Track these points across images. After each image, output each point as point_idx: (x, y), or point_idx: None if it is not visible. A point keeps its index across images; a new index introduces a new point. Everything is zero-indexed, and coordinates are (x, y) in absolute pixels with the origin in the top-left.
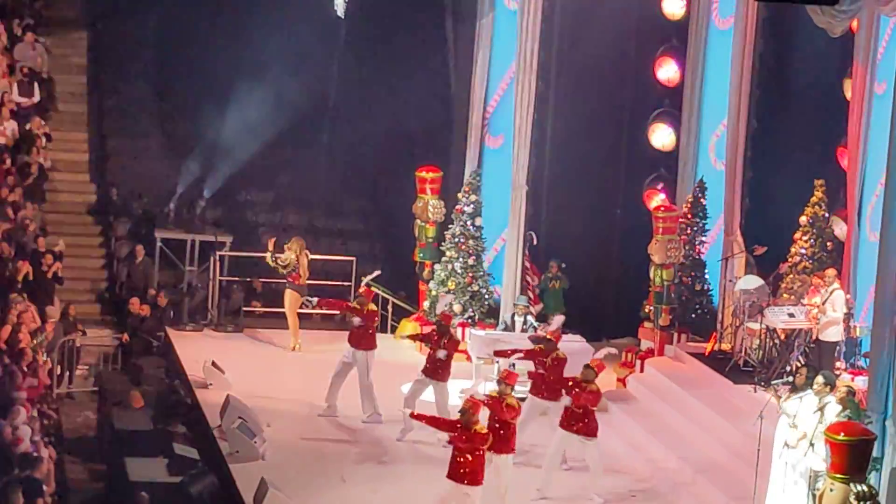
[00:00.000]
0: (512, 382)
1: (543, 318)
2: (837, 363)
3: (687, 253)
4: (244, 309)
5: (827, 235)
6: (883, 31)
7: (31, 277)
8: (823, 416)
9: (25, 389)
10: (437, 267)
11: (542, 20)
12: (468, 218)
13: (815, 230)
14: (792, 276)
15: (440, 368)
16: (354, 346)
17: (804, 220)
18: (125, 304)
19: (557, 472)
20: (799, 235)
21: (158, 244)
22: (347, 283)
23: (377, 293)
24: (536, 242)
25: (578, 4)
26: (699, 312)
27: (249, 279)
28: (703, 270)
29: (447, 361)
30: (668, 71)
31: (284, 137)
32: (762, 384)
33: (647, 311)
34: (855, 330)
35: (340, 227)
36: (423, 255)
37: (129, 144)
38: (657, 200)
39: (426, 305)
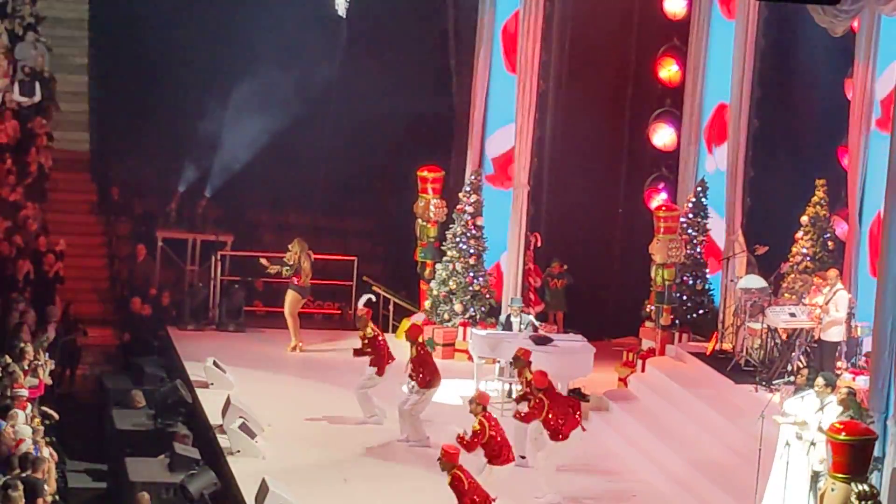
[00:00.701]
0: (484, 403)
1: (545, 317)
2: (839, 363)
3: (688, 254)
4: (245, 308)
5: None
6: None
7: (31, 277)
8: (824, 416)
9: (26, 389)
10: (438, 266)
11: (543, 19)
12: (469, 217)
13: (816, 230)
14: (793, 275)
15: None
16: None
17: (805, 219)
18: (126, 303)
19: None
20: (800, 235)
21: (160, 243)
22: (349, 282)
23: (379, 292)
24: (540, 245)
25: (580, 4)
26: (700, 312)
27: (251, 279)
28: (704, 270)
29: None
30: (669, 70)
31: (285, 137)
32: (763, 384)
33: (648, 310)
34: (856, 330)
35: (341, 226)
36: (424, 254)
37: (130, 144)
38: (658, 200)
39: (427, 305)
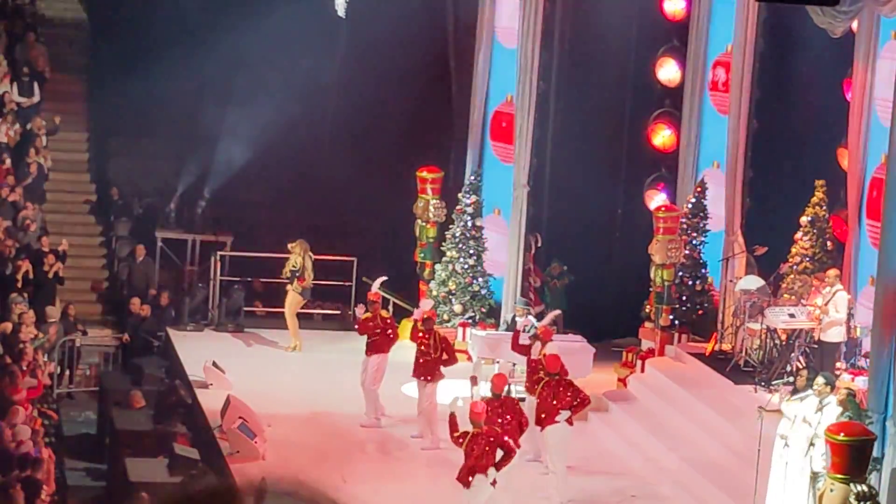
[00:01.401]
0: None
1: (544, 317)
2: (838, 364)
3: (688, 255)
4: (245, 309)
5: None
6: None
7: (31, 277)
8: (824, 416)
9: (25, 389)
10: (437, 267)
11: (543, 20)
12: (469, 218)
13: (815, 230)
14: (792, 276)
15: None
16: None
17: (805, 220)
18: (126, 303)
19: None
20: (799, 236)
21: (159, 244)
22: (348, 283)
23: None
24: (540, 245)
25: (579, 4)
26: (700, 313)
27: (250, 279)
28: (703, 270)
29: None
30: (668, 71)
31: (285, 137)
32: (763, 384)
33: (647, 311)
34: (855, 330)
35: (341, 226)
36: (423, 255)
37: (129, 144)
38: (658, 200)
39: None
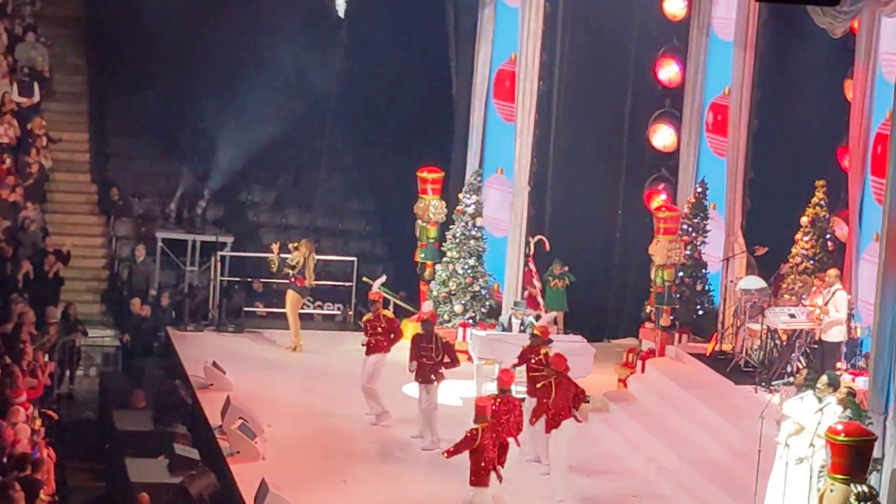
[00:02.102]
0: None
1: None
2: (839, 364)
3: (688, 255)
4: (245, 309)
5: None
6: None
7: (31, 277)
8: (824, 416)
9: (25, 389)
10: (438, 267)
11: (543, 21)
12: (469, 218)
13: (815, 231)
14: (793, 276)
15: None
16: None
17: (805, 220)
18: (126, 304)
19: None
20: (800, 236)
21: (159, 244)
22: (349, 283)
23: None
24: (548, 248)
25: (579, 5)
26: (700, 313)
27: (250, 279)
28: (703, 270)
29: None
30: (668, 71)
31: (285, 137)
32: (763, 385)
33: (648, 311)
34: (856, 330)
35: (342, 227)
36: (424, 255)
37: (129, 144)
38: (658, 201)
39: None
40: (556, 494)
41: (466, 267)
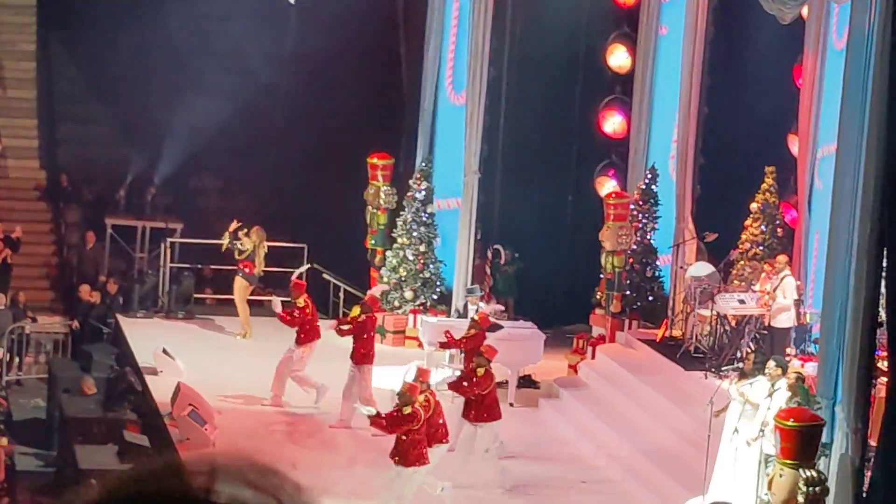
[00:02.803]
0: (425, 379)
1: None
2: (788, 349)
3: (638, 241)
4: (195, 296)
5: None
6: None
7: None
8: (773, 401)
9: None
10: (388, 254)
11: (494, 6)
12: (420, 204)
13: (765, 217)
14: (742, 262)
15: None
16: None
17: (755, 206)
18: (75, 290)
19: (472, 459)
20: (749, 222)
21: (109, 231)
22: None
23: (329, 280)
24: (504, 261)
25: None
26: (650, 299)
27: (200, 266)
28: (654, 257)
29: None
30: (619, 58)
31: (235, 124)
32: (713, 370)
33: (598, 297)
34: (805, 316)
35: (291, 213)
36: (374, 241)
37: (79, 130)
38: (608, 187)
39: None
40: (504, 482)
41: (417, 253)
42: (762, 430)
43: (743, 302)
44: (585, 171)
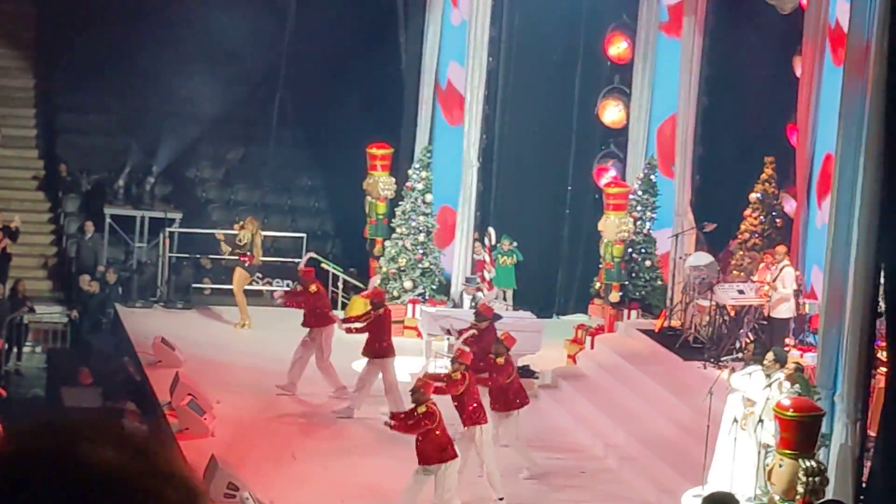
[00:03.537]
0: (466, 361)
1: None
2: (787, 340)
3: (637, 231)
4: (194, 286)
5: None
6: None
7: None
8: (772, 392)
9: None
10: (387, 243)
11: None
12: (419, 194)
13: (764, 207)
14: (742, 252)
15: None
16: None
17: (754, 196)
18: (74, 280)
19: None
20: (749, 212)
21: (108, 220)
22: (298, 259)
23: (328, 270)
24: (495, 242)
25: None
26: (649, 289)
27: (199, 256)
28: (653, 247)
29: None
30: (618, 48)
31: (234, 114)
32: (712, 361)
33: (597, 287)
34: (804, 307)
35: (291, 203)
36: (373, 231)
37: (78, 120)
38: (607, 177)
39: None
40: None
41: (416, 243)
42: (761, 419)
43: (742, 292)
44: (584, 160)
